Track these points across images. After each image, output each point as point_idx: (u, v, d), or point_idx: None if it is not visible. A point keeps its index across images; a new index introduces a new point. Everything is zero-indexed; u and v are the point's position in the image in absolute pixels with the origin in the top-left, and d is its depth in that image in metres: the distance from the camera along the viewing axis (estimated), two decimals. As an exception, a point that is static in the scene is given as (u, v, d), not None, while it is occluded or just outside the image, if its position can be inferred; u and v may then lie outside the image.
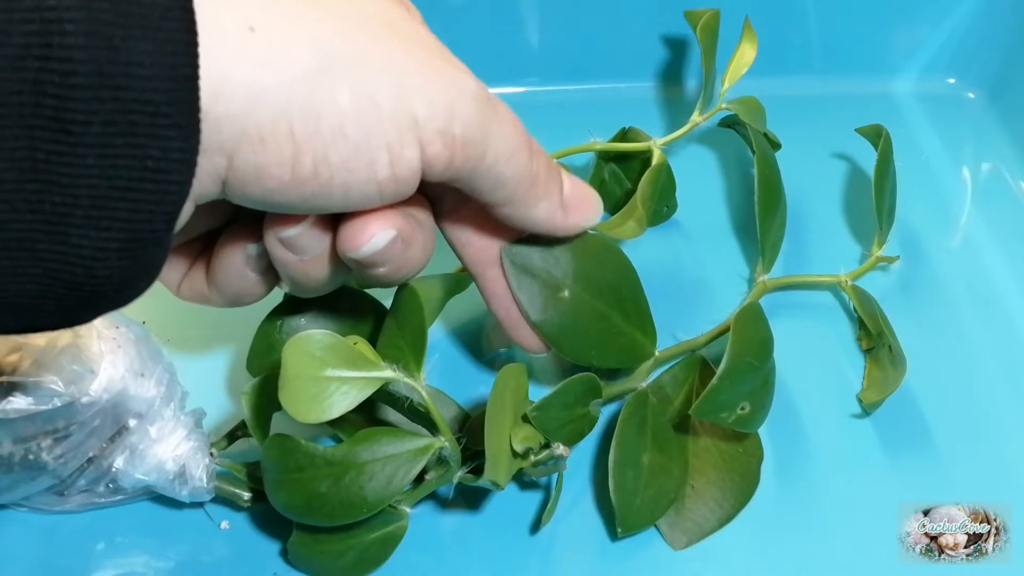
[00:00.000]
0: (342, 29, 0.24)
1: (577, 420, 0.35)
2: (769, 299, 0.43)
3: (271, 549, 0.36)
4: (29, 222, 0.21)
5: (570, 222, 0.32)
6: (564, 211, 0.31)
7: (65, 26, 0.20)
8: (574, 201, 0.32)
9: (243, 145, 0.23)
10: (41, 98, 0.20)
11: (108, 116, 0.20)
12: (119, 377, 0.34)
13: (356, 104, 0.24)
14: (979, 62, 0.55)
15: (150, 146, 0.21)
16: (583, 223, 0.32)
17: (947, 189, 0.51)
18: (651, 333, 0.37)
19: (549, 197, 0.30)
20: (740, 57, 0.46)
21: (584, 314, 0.35)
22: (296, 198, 0.25)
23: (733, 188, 0.50)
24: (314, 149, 0.24)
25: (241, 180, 0.24)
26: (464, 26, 0.52)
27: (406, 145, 0.25)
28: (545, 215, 0.31)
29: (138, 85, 0.20)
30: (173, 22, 0.21)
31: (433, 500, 0.37)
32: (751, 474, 0.37)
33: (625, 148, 0.46)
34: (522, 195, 0.29)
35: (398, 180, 0.25)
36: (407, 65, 0.25)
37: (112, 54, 0.20)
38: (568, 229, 0.32)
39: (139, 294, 0.24)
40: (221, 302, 0.31)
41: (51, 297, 0.22)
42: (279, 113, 0.23)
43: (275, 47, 0.23)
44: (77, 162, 0.21)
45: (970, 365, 0.43)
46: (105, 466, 0.34)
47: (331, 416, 0.28)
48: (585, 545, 0.37)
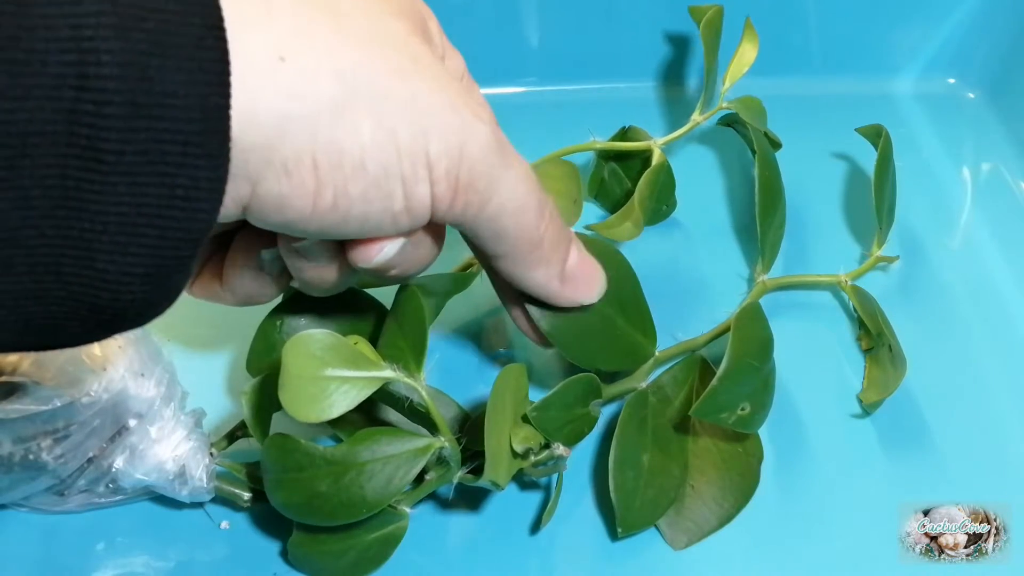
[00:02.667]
0: (367, 60, 0.24)
1: (577, 420, 0.35)
2: (769, 299, 0.43)
3: (271, 549, 0.36)
4: (57, 247, 0.21)
5: (565, 295, 0.31)
6: (562, 283, 0.31)
7: (102, 56, 0.20)
8: (576, 275, 0.31)
9: (268, 174, 0.23)
10: (75, 127, 0.20)
11: (141, 146, 0.20)
12: (119, 377, 0.34)
13: (377, 138, 0.24)
14: (979, 62, 0.55)
15: (180, 175, 0.21)
16: (580, 299, 0.32)
17: (947, 189, 0.51)
18: (651, 334, 0.37)
19: (549, 264, 0.30)
20: (741, 56, 0.46)
21: (590, 319, 0.35)
22: (315, 228, 0.25)
23: (733, 188, 0.50)
24: (335, 182, 0.24)
25: (262, 208, 0.24)
26: (464, 26, 0.52)
27: (419, 181, 0.25)
28: (541, 281, 0.30)
29: (171, 115, 0.20)
30: (207, 51, 0.21)
31: (433, 500, 0.37)
32: (751, 474, 0.37)
33: (625, 147, 0.46)
34: (522, 255, 0.29)
35: (412, 213, 0.26)
36: (430, 104, 0.25)
37: (146, 84, 0.20)
38: (562, 301, 0.32)
39: (158, 315, 0.24)
40: (233, 301, 0.31)
41: (75, 319, 0.22)
42: (304, 144, 0.23)
43: (303, 78, 0.23)
44: (108, 190, 0.21)
45: (970, 365, 0.43)
46: (105, 466, 0.34)
47: (331, 416, 0.28)
48: (585, 545, 0.37)
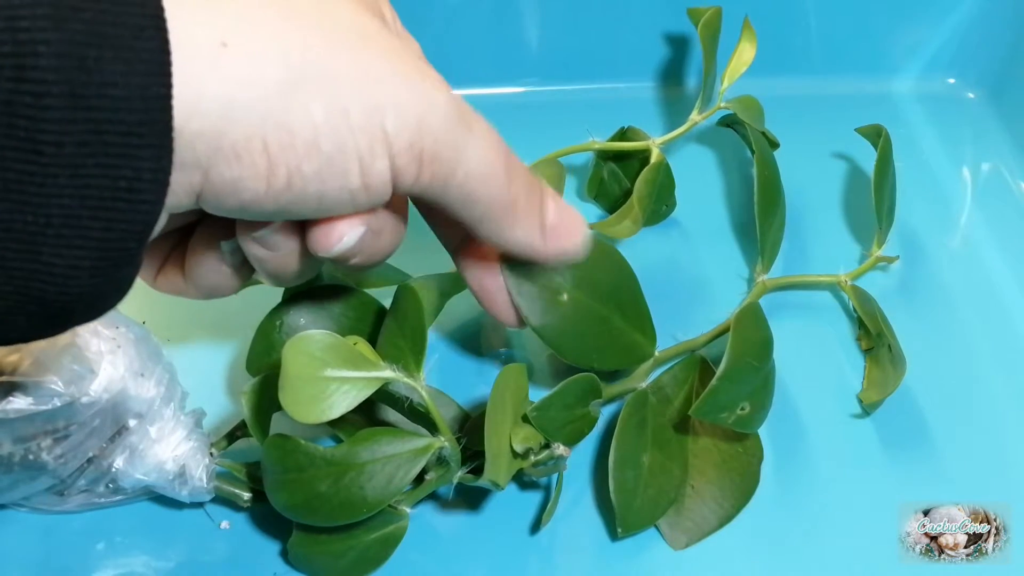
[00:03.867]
0: (315, 41, 0.24)
1: (577, 420, 0.35)
2: (769, 299, 0.43)
3: (271, 549, 0.36)
4: (1, 240, 0.21)
5: (551, 249, 0.31)
6: (545, 237, 0.30)
7: (38, 47, 0.19)
8: (558, 227, 0.31)
9: (218, 161, 0.23)
10: (13, 119, 0.20)
11: (81, 137, 0.20)
12: (119, 377, 0.34)
13: (329, 118, 0.24)
14: (979, 62, 0.55)
15: (123, 166, 0.21)
16: (566, 251, 0.31)
17: (947, 189, 0.51)
18: (651, 334, 0.37)
19: (528, 221, 0.30)
20: (739, 56, 0.46)
21: (584, 317, 0.35)
22: (271, 208, 0.25)
23: (732, 188, 0.50)
24: (288, 162, 0.24)
25: (216, 193, 0.24)
26: (464, 26, 0.52)
27: (377, 157, 0.25)
28: (524, 239, 0.30)
29: (111, 106, 0.20)
30: (147, 41, 0.21)
31: (433, 500, 0.37)
32: (751, 474, 0.37)
33: (624, 147, 0.46)
34: (498, 217, 0.29)
35: (370, 190, 0.25)
36: (380, 78, 0.25)
37: (85, 75, 0.20)
38: (549, 256, 0.31)
39: (109, 308, 0.24)
40: (196, 294, 0.31)
41: (22, 313, 0.22)
42: (253, 129, 0.23)
43: (248, 62, 0.22)
44: (49, 182, 0.20)
45: (970, 365, 0.43)
46: (105, 466, 0.34)
47: (331, 416, 0.28)
48: (585, 545, 0.37)
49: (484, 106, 0.28)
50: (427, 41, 0.30)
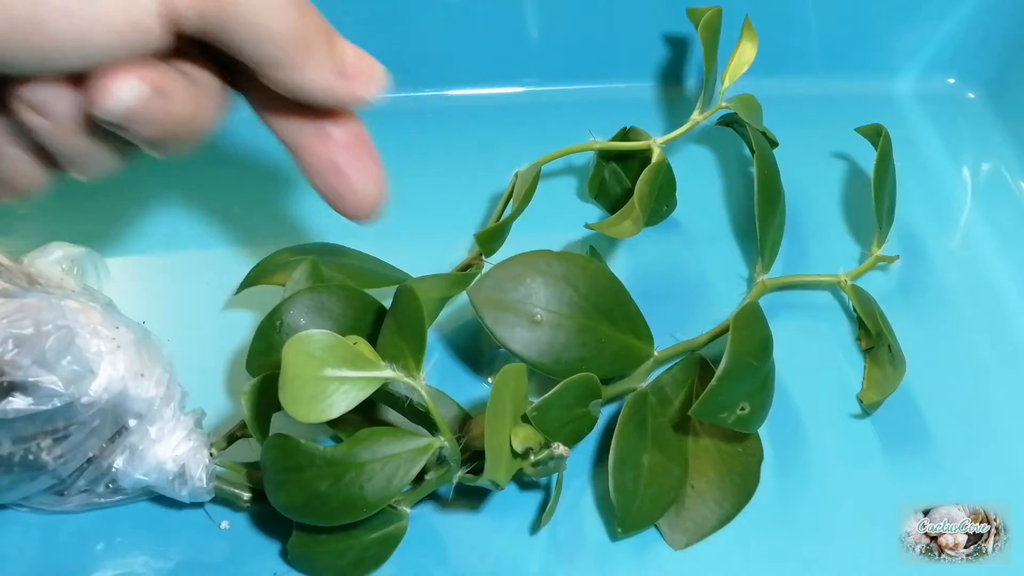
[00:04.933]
0: None
1: (577, 420, 0.35)
2: (769, 299, 0.43)
3: (271, 549, 0.36)
4: None
5: (346, 91, 0.28)
6: (340, 77, 0.28)
7: None
8: (356, 69, 0.29)
9: None
10: None
11: None
12: (119, 377, 0.34)
13: None
14: (979, 62, 0.55)
15: None
16: (365, 93, 0.29)
17: (947, 189, 0.51)
18: (646, 335, 0.37)
19: (321, 59, 0.27)
20: (740, 56, 0.46)
21: (564, 332, 0.35)
22: (25, 53, 0.23)
23: (732, 188, 0.50)
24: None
25: None
26: (464, 25, 0.52)
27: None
28: (318, 79, 0.28)
29: None
30: None
31: (433, 500, 0.37)
32: (751, 474, 0.37)
33: (624, 147, 0.46)
34: (289, 54, 0.27)
35: (136, 26, 0.23)
36: None
37: None
38: (348, 98, 0.29)
39: None
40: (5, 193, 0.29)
41: None
42: None
43: None
44: None
45: (970, 365, 0.43)
46: (105, 466, 0.34)
47: (331, 416, 0.28)
48: (585, 545, 0.37)
49: (484, 106, 0.28)
50: (427, 41, 0.29)
